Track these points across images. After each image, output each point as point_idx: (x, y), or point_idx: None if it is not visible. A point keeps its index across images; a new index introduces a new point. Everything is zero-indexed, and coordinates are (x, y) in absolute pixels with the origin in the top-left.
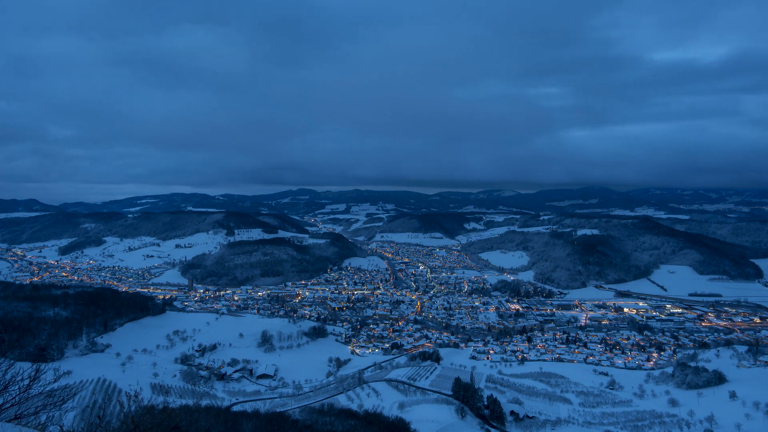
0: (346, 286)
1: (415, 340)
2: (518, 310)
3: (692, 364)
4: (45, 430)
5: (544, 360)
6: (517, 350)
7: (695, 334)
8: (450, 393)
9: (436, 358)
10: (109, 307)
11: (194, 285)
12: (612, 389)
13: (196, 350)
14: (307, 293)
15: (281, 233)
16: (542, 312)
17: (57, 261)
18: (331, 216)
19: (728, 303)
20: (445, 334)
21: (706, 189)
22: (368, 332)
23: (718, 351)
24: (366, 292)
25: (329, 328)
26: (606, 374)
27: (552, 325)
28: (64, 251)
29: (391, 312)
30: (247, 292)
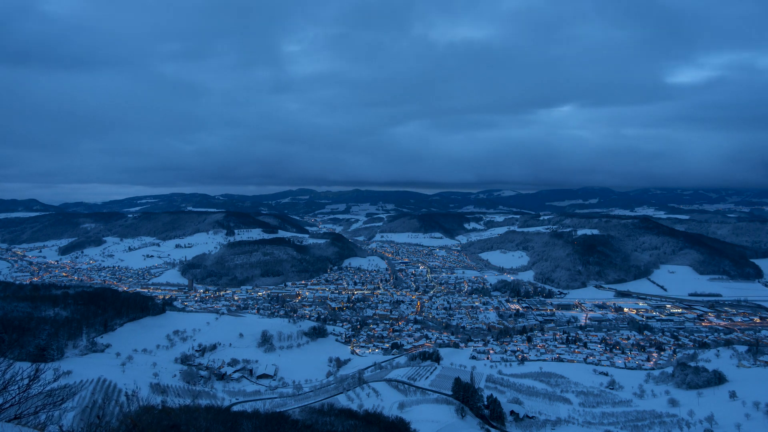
0: (346, 286)
1: (415, 340)
2: (518, 310)
3: (692, 364)
4: (45, 429)
5: (544, 360)
6: (517, 350)
7: (695, 334)
8: (450, 393)
9: (436, 358)
10: (109, 307)
11: (194, 285)
12: (612, 389)
13: (196, 350)
14: (307, 293)
15: (281, 233)
16: (542, 312)
17: (57, 261)
18: (331, 216)
19: (728, 303)
20: (445, 334)
21: (706, 189)
22: (368, 332)
23: (718, 351)
24: (366, 292)
25: (329, 328)
26: (606, 374)
27: (552, 325)
28: (64, 251)
29: (391, 312)
30: (247, 292)
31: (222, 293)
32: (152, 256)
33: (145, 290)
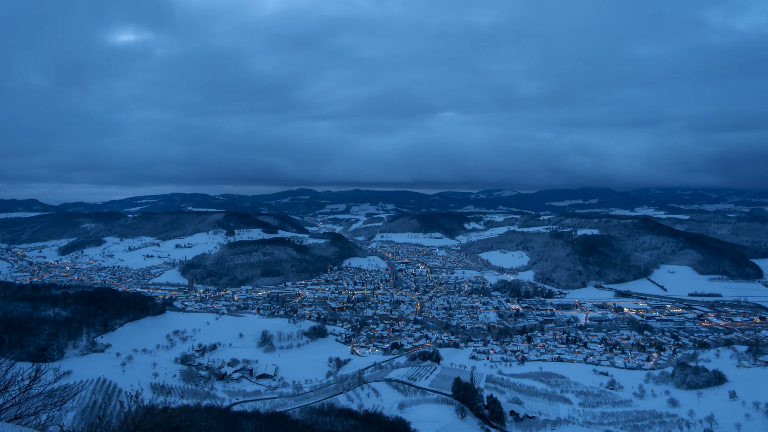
0: (346, 286)
1: (415, 340)
2: (518, 310)
3: (692, 364)
4: (45, 430)
5: (544, 360)
6: (517, 350)
7: (695, 334)
8: (450, 393)
9: (436, 358)
10: (109, 307)
11: (194, 285)
12: (612, 389)
13: (196, 350)
14: (307, 293)
15: (281, 233)
16: (542, 312)
17: (57, 261)
18: (331, 216)
19: (728, 303)
20: (445, 334)
21: (706, 189)
22: (368, 332)
23: (718, 351)
24: (366, 292)
25: (329, 328)
26: (606, 374)
27: (552, 325)
28: (64, 251)
29: (391, 312)
30: (247, 292)
31: (222, 293)
32: (152, 256)
33: (145, 290)
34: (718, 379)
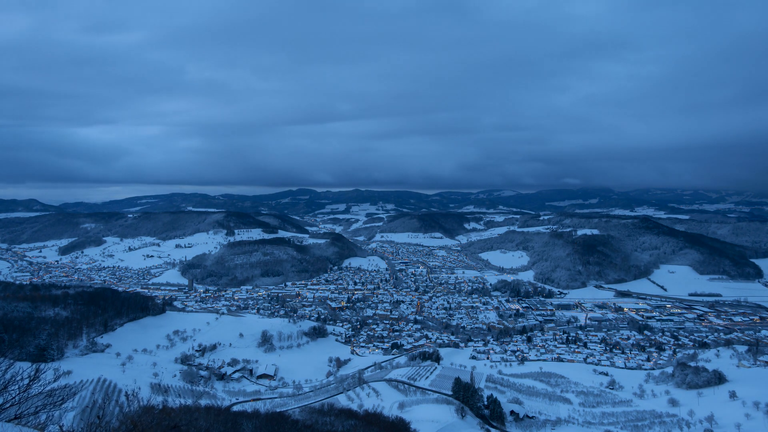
0: (346, 286)
1: (415, 340)
2: (518, 310)
3: (692, 363)
4: (45, 429)
5: (544, 360)
6: (517, 350)
7: (695, 334)
8: (450, 393)
9: (436, 358)
10: (109, 307)
11: (194, 285)
12: (612, 389)
13: (196, 350)
14: (307, 293)
15: (281, 233)
16: (542, 312)
17: (57, 261)
18: (331, 216)
19: (728, 303)
20: (445, 334)
21: (706, 189)
22: (368, 332)
23: (718, 351)
24: (366, 292)
25: (329, 328)
26: (606, 374)
27: (552, 324)
28: (64, 251)
29: (391, 312)
30: (247, 292)
31: (222, 293)
32: (152, 256)
33: (145, 290)
34: (718, 379)
